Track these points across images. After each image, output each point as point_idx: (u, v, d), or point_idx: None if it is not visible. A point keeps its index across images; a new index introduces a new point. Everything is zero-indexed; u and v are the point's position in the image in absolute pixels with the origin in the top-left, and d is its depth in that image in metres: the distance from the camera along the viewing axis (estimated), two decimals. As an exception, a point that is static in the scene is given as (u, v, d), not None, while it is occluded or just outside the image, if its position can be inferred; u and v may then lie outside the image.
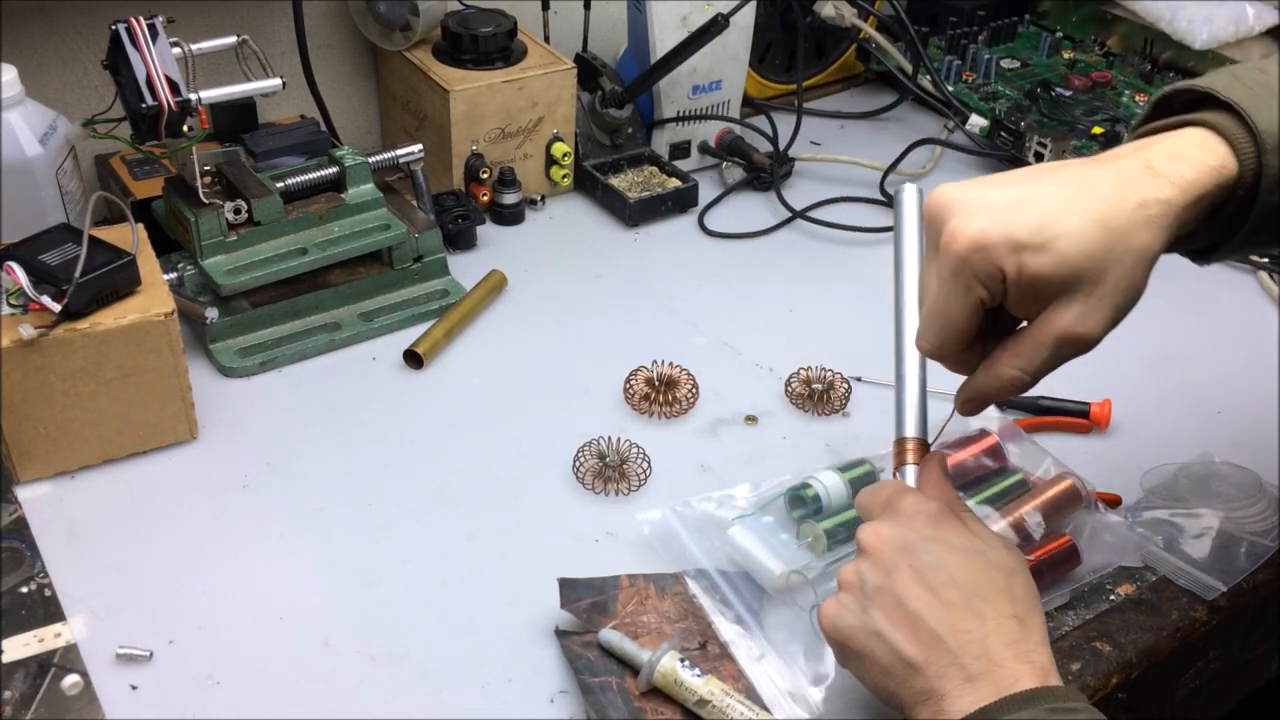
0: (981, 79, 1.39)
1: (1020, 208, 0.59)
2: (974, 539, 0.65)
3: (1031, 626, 0.62)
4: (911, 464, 0.71)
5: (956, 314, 0.62)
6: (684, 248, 1.16)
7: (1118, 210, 0.59)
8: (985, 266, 0.59)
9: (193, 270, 0.95)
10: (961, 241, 0.59)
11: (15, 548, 0.79)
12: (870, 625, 0.63)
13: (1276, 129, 0.61)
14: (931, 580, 0.63)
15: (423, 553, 0.81)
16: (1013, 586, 0.63)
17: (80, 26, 1.07)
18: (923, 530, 0.65)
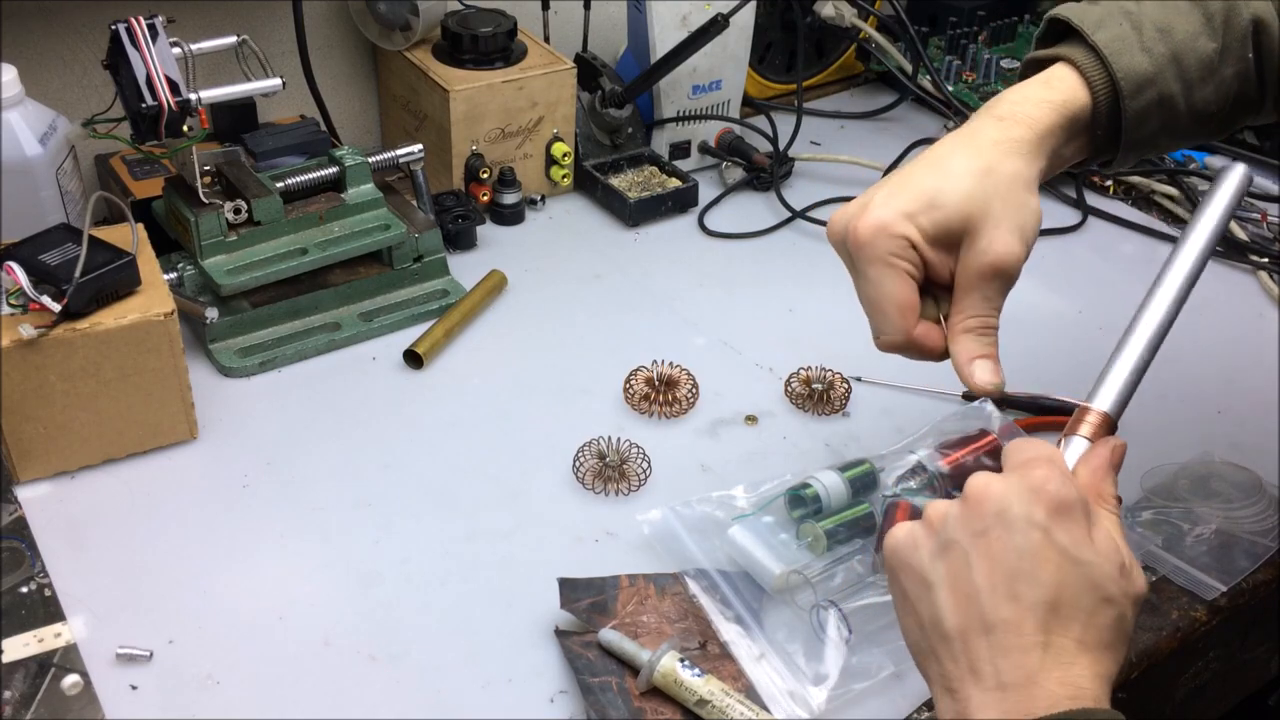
0: (981, 79, 1.40)
1: (900, 190, 0.66)
2: (1087, 548, 0.56)
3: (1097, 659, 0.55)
4: (1082, 436, 0.63)
5: (891, 292, 0.66)
6: (684, 248, 1.16)
7: (979, 155, 0.66)
8: (891, 241, 0.65)
9: (193, 270, 0.95)
10: (863, 231, 0.66)
11: (15, 548, 0.79)
12: (928, 574, 0.58)
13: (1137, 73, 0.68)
14: (1012, 565, 0.56)
15: (423, 553, 0.81)
16: (1099, 614, 0.56)
17: (80, 26, 1.07)
18: (1034, 511, 0.57)
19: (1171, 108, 0.69)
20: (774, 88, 1.40)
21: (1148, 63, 0.68)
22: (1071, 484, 0.58)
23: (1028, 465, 0.59)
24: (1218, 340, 1.05)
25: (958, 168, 0.66)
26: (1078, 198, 1.24)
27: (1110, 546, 0.57)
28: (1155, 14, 0.69)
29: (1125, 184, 1.27)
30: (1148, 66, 0.68)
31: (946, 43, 1.43)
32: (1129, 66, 0.68)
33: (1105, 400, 0.64)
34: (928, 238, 0.66)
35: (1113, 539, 0.58)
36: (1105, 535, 0.58)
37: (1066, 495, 0.57)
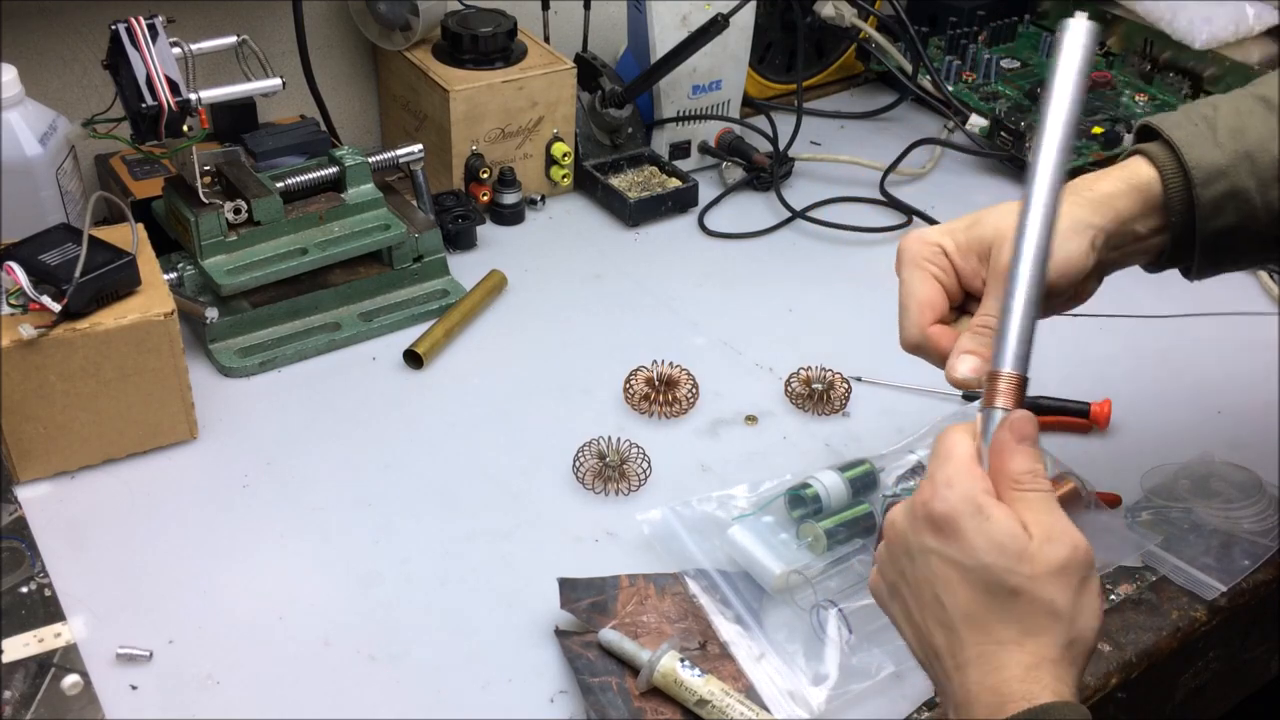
0: (981, 79, 1.40)
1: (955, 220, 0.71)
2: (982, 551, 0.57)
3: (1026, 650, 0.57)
4: (999, 408, 0.61)
5: (914, 289, 0.69)
6: (684, 248, 1.16)
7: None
8: (925, 247, 0.69)
9: (193, 270, 0.95)
10: (906, 241, 0.71)
11: (15, 548, 0.79)
12: (891, 614, 0.63)
13: (1208, 164, 0.70)
14: (929, 595, 0.59)
15: (423, 553, 0.81)
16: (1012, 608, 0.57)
17: (80, 26, 1.07)
18: (923, 538, 0.59)
19: (1246, 201, 0.71)
20: (774, 88, 1.40)
21: (1219, 155, 0.70)
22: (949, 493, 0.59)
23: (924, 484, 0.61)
24: (1218, 340, 1.05)
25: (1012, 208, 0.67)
26: (1078, 198, 1.24)
27: (1003, 537, 0.57)
28: (1230, 118, 0.72)
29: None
30: (1219, 159, 0.70)
31: (946, 43, 1.43)
32: (1200, 158, 0.70)
33: (1009, 360, 0.61)
34: (960, 248, 0.69)
35: (1007, 527, 0.58)
36: (999, 528, 0.58)
37: (942, 510, 0.59)
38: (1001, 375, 0.61)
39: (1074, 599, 0.58)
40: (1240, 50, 1.33)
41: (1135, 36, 1.41)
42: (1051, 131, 0.62)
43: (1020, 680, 0.56)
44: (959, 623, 0.58)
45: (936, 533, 0.59)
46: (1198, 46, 1.33)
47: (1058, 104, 0.62)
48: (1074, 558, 0.58)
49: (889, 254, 0.75)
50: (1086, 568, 0.58)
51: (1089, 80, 0.63)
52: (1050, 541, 0.58)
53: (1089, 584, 0.58)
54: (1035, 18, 1.51)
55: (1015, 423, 0.61)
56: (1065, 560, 0.58)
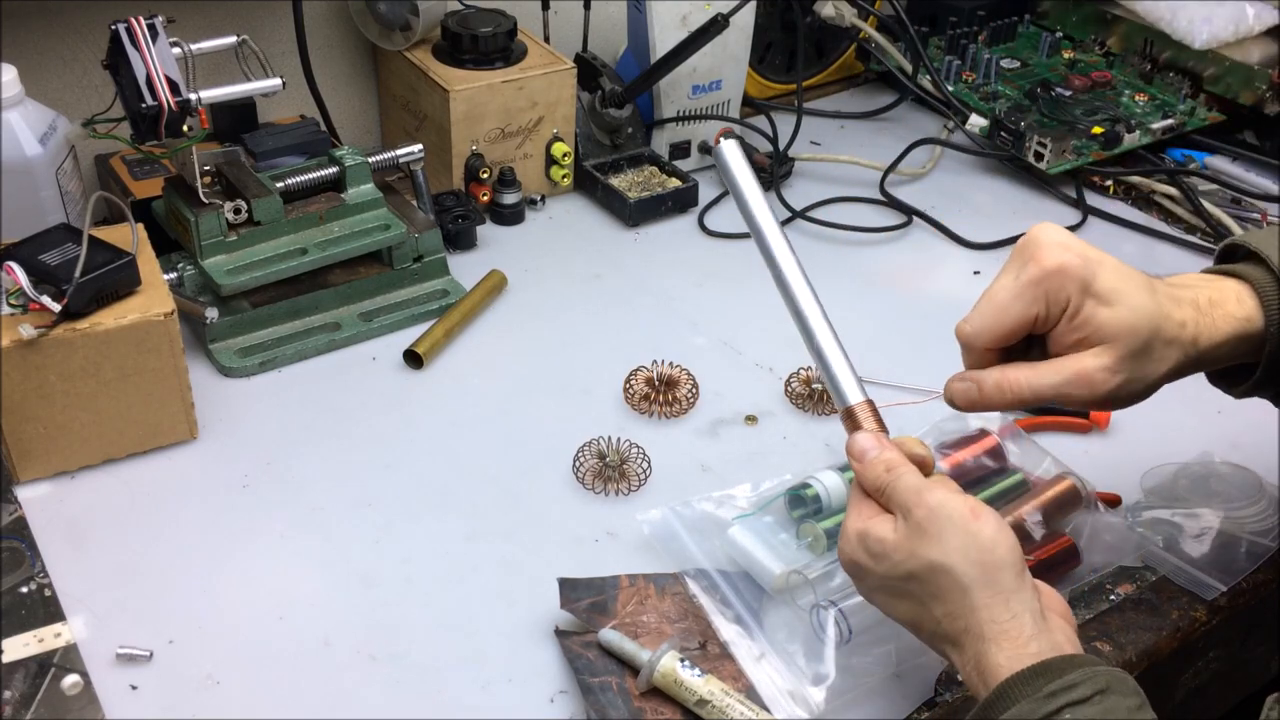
0: (981, 79, 1.39)
1: (1104, 266, 0.67)
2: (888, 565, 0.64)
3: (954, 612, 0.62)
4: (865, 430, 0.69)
5: (1014, 314, 0.68)
6: (684, 248, 1.16)
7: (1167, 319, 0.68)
8: (1058, 290, 0.67)
9: (193, 270, 0.95)
10: (1050, 261, 0.67)
11: (15, 548, 0.79)
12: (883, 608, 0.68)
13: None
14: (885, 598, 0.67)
15: (423, 553, 0.81)
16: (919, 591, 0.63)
17: (80, 26, 1.07)
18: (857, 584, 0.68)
19: None
20: (774, 88, 1.40)
21: None
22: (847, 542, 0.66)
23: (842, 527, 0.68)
24: (1218, 340, 1.05)
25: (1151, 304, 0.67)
26: (1078, 197, 1.24)
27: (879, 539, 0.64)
28: None
29: (1125, 184, 1.27)
30: None
31: (946, 43, 1.43)
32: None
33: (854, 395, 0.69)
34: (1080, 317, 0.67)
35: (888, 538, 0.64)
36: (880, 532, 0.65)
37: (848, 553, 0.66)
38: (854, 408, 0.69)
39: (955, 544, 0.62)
40: (1240, 50, 1.33)
41: (1135, 36, 1.41)
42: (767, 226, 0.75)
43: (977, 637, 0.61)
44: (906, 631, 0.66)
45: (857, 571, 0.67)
46: (1198, 46, 1.33)
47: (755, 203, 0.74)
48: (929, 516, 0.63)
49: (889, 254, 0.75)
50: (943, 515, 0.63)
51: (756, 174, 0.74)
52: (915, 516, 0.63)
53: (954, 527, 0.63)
54: (1035, 18, 1.51)
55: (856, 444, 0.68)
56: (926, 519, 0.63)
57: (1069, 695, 0.57)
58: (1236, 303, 0.70)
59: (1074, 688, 0.57)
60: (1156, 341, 0.67)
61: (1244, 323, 0.69)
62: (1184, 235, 1.20)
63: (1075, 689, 0.57)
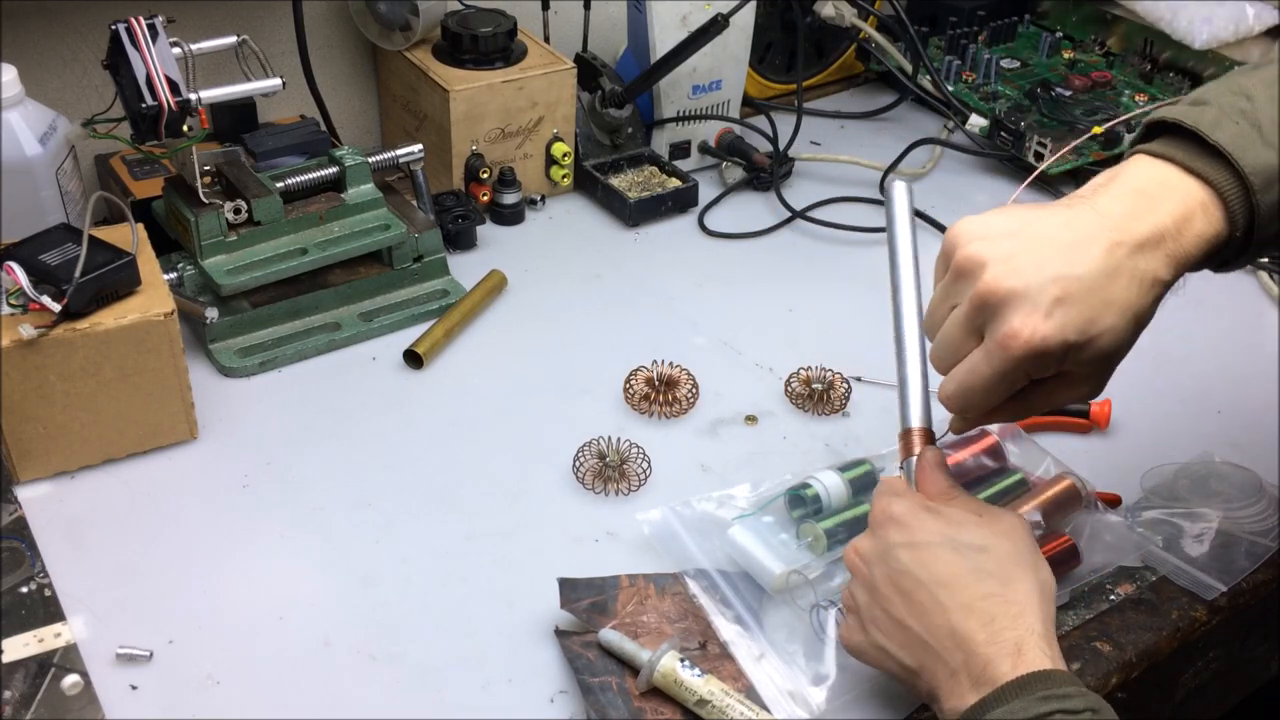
0: (981, 79, 1.39)
1: (1069, 305, 0.63)
2: (941, 527, 0.66)
3: (1009, 599, 0.62)
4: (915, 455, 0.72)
5: (1000, 395, 0.66)
6: (684, 248, 1.16)
7: (1140, 293, 0.64)
8: (1040, 364, 0.64)
9: (193, 270, 0.95)
10: (1025, 346, 0.63)
11: (15, 548, 0.79)
12: (874, 642, 0.67)
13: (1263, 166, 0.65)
14: (904, 585, 0.65)
15: (423, 553, 0.81)
16: (983, 563, 0.64)
17: (80, 26, 1.07)
18: (891, 537, 0.67)
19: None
20: (774, 88, 1.40)
21: (1274, 156, 0.66)
22: (899, 498, 0.68)
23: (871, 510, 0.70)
24: (1218, 340, 1.05)
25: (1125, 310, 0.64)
26: (1078, 198, 1.24)
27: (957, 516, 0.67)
28: (1270, 111, 0.67)
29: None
30: (1274, 160, 0.66)
31: (946, 43, 1.43)
32: (1255, 162, 0.66)
33: (916, 418, 0.72)
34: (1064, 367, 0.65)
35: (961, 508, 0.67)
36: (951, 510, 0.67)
37: (901, 509, 0.68)
38: (913, 432, 0.72)
39: (1032, 550, 0.66)
40: (1240, 50, 1.33)
41: (1135, 36, 1.41)
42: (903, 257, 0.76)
43: (1009, 627, 0.62)
44: (938, 591, 0.64)
45: (899, 528, 0.67)
46: (1198, 46, 1.33)
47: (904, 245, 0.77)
48: (1019, 522, 0.67)
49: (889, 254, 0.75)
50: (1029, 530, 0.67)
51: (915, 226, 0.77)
52: (998, 512, 0.68)
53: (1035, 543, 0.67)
54: (1035, 18, 1.51)
55: (927, 457, 0.71)
56: (1014, 522, 0.67)
57: (1062, 704, 0.58)
58: (1204, 219, 0.66)
59: (1068, 698, 0.59)
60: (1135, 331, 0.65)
61: (1213, 240, 0.66)
62: (1184, 235, 1.20)
63: (1069, 699, 0.59)
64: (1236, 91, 0.68)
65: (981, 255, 0.64)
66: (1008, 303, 0.63)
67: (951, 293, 0.67)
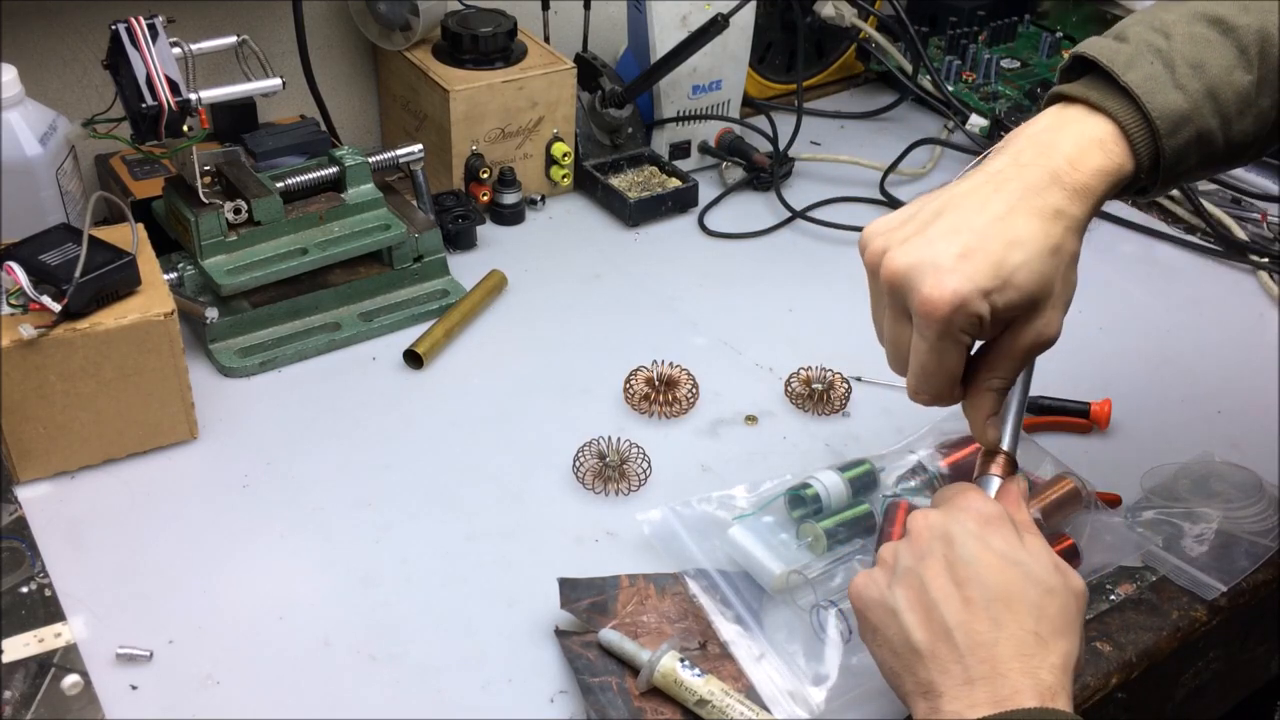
0: (981, 79, 1.40)
1: (973, 256, 0.64)
2: (1020, 549, 0.64)
3: (1053, 649, 0.61)
4: (995, 475, 0.71)
5: (951, 365, 0.66)
6: (684, 248, 1.16)
7: (1047, 229, 0.65)
8: (966, 319, 0.64)
9: (193, 270, 0.95)
10: (941, 306, 0.63)
11: (15, 548, 0.79)
12: (890, 602, 0.64)
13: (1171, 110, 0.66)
14: (959, 574, 0.63)
15: (423, 553, 0.81)
16: (1045, 605, 0.62)
17: (80, 26, 1.07)
18: (967, 525, 0.65)
19: (1209, 142, 0.67)
20: (774, 88, 1.40)
21: (1183, 100, 0.66)
22: (992, 503, 0.67)
23: (954, 497, 0.68)
24: (1218, 340, 1.05)
25: (1030, 242, 0.64)
26: (1078, 198, 1.24)
27: (1040, 548, 0.65)
28: (1186, 51, 0.67)
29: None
30: (1183, 104, 0.66)
31: (946, 43, 1.43)
32: (1164, 105, 0.66)
33: (1006, 442, 0.72)
34: (995, 314, 0.64)
35: (1042, 546, 0.66)
36: (1034, 542, 0.66)
37: (993, 510, 0.66)
38: (1001, 453, 0.71)
39: (1082, 621, 0.64)
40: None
41: (1135, 36, 1.41)
42: None
43: (1048, 672, 0.60)
44: (992, 602, 0.62)
45: (985, 524, 0.65)
46: (1198, 46, 1.33)
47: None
48: (1084, 589, 0.65)
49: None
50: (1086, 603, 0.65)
51: None
52: (1069, 570, 0.65)
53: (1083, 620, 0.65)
54: (1035, 18, 1.51)
55: (1022, 483, 0.71)
56: (1081, 587, 0.65)
57: None
58: (1103, 155, 0.66)
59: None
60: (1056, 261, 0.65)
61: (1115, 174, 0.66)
62: (1184, 235, 1.20)
63: None
64: (1156, 28, 0.68)
65: (882, 246, 0.66)
66: (911, 275, 0.64)
67: (877, 295, 0.68)
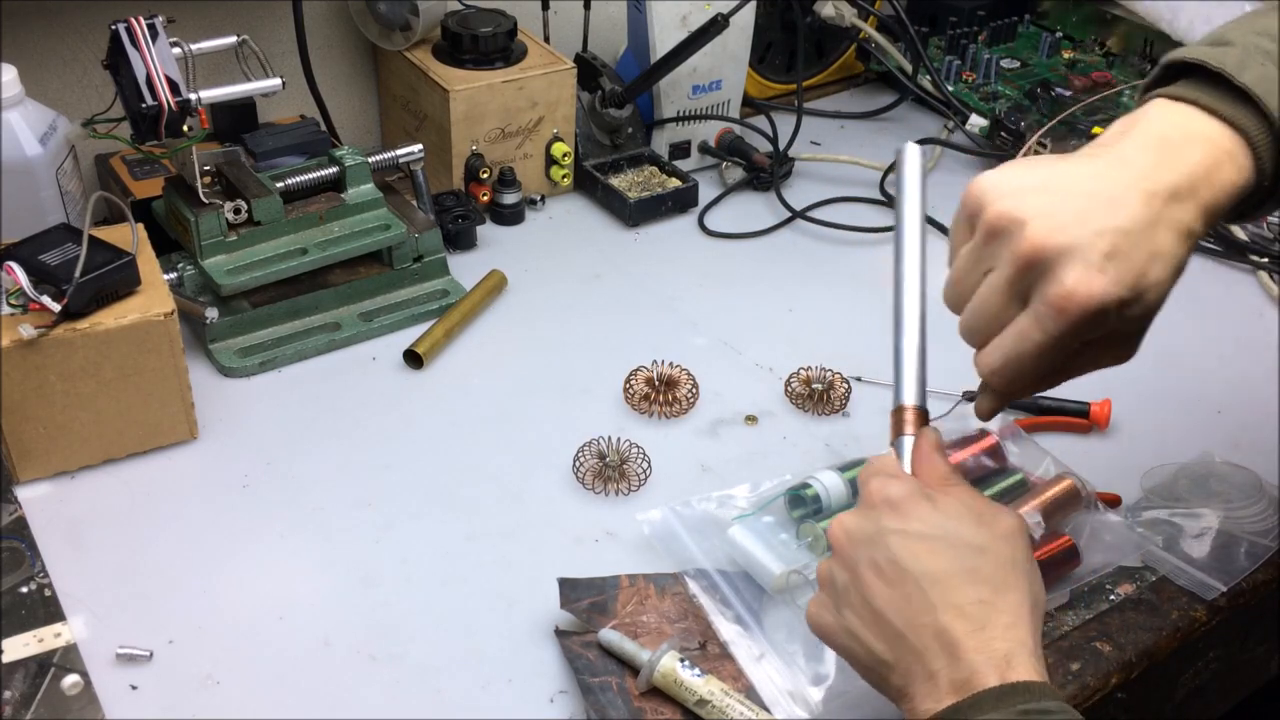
0: (981, 79, 1.39)
1: (1120, 259, 0.59)
2: (940, 520, 0.61)
3: (999, 608, 0.59)
4: (908, 434, 0.68)
5: (1051, 362, 0.62)
6: (684, 248, 1.16)
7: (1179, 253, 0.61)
8: (1096, 325, 0.59)
9: (193, 270, 0.95)
10: (1080, 305, 0.58)
11: (15, 548, 0.79)
12: (845, 624, 0.63)
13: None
14: (890, 574, 0.61)
15: (423, 553, 0.81)
16: (979, 566, 0.60)
17: (80, 26, 1.07)
18: (883, 521, 0.62)
19: None
20: (774, 88, 1.40)
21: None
22: (897, 481, 0.64)
23: (863, 488, 0.66)
24: (1218, 340, 1.05)
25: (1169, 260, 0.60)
26: (1078, 198, 1.24)
27: (956, 507, 0.63)
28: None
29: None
30: None
31: (946, 43, 1.43)
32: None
33: (910, 395, 0.69)
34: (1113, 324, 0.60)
35: (959, 502, 0.63)
36: (949, 502, 0.63)
37: (898, 492, 0.63)
38: (907, 409, 0.68)
39: (1028, 558, 0.62)
40: (1240, 50, 1.33)
41: (1135, 37, 1.41)
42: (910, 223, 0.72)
43: (1000, 638, 0.58)
44: (929, 587, 0.60)
45: (894, 513, 0.63)
46: (1198, 46, 1.33)
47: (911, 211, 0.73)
48: (1020, 524, 0.63)
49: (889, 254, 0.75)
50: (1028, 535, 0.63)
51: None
52: (998, 512, 0.63)
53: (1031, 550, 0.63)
54: (1035, 18, 1.51)
55: (929, 436, 0.67)
56: (1014, 524, 0.63)
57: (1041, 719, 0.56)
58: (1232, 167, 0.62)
59: (1047, 713, 0.56)
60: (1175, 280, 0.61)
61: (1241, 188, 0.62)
62: (1184, 235, 1.20)
63: (1049, 715, 0.56)
64: (1260, 31, 0.64)
65: (1017, 212, 0.59)
66: (1059, 260, 0.58)
67: (984, 256, 0.62)
